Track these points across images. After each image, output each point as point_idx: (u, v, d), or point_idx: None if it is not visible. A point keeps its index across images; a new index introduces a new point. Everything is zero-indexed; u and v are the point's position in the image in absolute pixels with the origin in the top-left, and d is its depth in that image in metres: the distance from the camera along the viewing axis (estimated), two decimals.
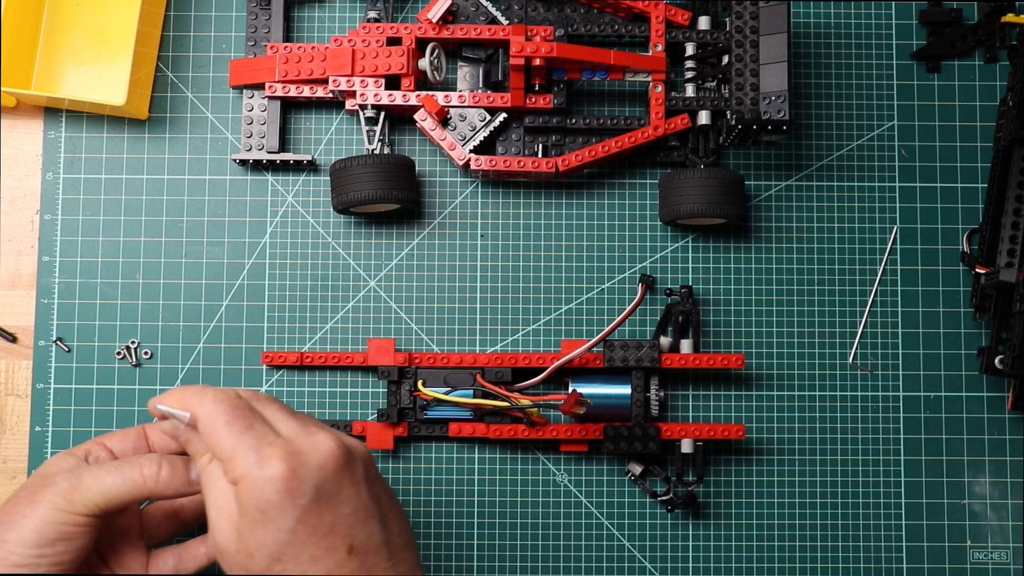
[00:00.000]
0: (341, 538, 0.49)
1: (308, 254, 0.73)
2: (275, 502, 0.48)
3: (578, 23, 0.72)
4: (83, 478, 0.53)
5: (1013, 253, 0.69)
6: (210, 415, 0.50)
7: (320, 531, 0.49)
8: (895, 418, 0.72)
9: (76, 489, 0.53)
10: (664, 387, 0.72)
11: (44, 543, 0.52)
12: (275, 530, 0.48)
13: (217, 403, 0.51)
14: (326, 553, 0.49)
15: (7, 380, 0.72)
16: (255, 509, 0.48)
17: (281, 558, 0.48)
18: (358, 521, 0.50)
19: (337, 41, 0.71)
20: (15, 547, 0.52)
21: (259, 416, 0.51)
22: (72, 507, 0.52)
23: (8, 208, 0.73)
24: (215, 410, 0.50)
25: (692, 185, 0.69)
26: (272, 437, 0.50)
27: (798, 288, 0.73)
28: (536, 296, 0.73)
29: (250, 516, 0.48)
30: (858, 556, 0.71)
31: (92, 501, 0.53)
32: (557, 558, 0.71)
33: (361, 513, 0.50)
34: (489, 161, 0.70)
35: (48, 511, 0.52)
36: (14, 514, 0.53)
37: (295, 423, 0.52)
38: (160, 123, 0.74)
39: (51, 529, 0.52)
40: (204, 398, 0.51)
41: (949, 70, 0.75)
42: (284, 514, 0.48)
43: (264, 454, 0.49)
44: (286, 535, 0.48)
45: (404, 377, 0.70)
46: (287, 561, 0.48)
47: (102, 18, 0.73)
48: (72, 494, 0.52)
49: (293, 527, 0.48)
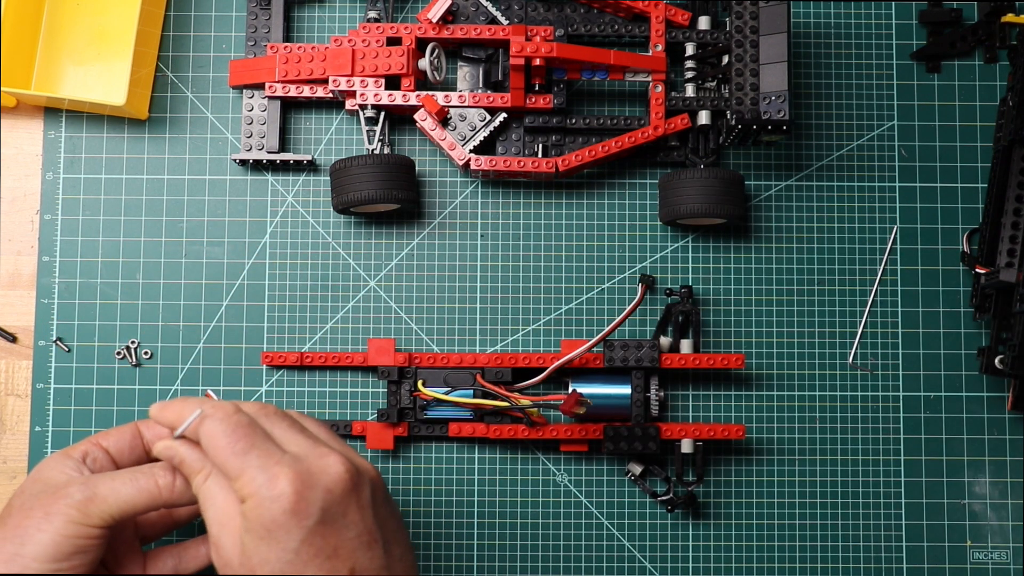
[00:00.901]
0: (344, 561, 0.50)
1: (308, 254, 0.73)
2: (281, 522, 0.48)
3: (578, 23, 0.72)
4: (98, 490, 0.53)
5: (1013, 253, 0.69)
6: (213, 437, 0.51)
7: (324, 553, 0.49)
8: (895, 418, 0.72)
9: (91, 501, 0.52)
10: (664, 387, 0.72)
11: (61, 557, 0.52)
12: (279, 549, 0.48)
13: (219, 422, 0.51)
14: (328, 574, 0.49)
15: (7, 380, 0.72)
16: (261, 527, 0.48)
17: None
18: (361, 545, 0.50)
19: (337, 41, 0.71)
20: (32, 562, 0.51)
21: (260, 432, 0.51)
22: (88, 519, 0.52)
23: (8, 208, 0.73)
24: (217, 431, 0.50)
25: (692, 185, 0.69)
26: (279, 455, 0.50)
27: (798, 288, 0.73)
28: (536, 296, 0.73)
29: (256, 533, 0.49)
30: (858, 556, 0.71)
31: (108, 513, 0.52)
32: (557, 558, 0.71)
33: (365, 537, 0.51)
34: (489, 161, 0.70)
35: (64, 524, 0.52)
36: (28, 528, 0.52)
37: (305, 440, 0.52)
38: (160, 123, 0.74)
39: (68, 543, 0.52)
40: (204, 417, 0.51)
41: (949, 70, 0.75)
42: (289, 534, 0.48)
43: (272, 473, 0.49)
44: (290, 555, 0.48)
45: (404, 377, 0.70)
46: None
47: (102, 18, 0.73)
48: (87, 506, 0.52)
49: (297, 547, 0.48)
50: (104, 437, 0.58)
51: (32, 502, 0.53)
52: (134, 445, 0.58)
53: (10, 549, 0.51)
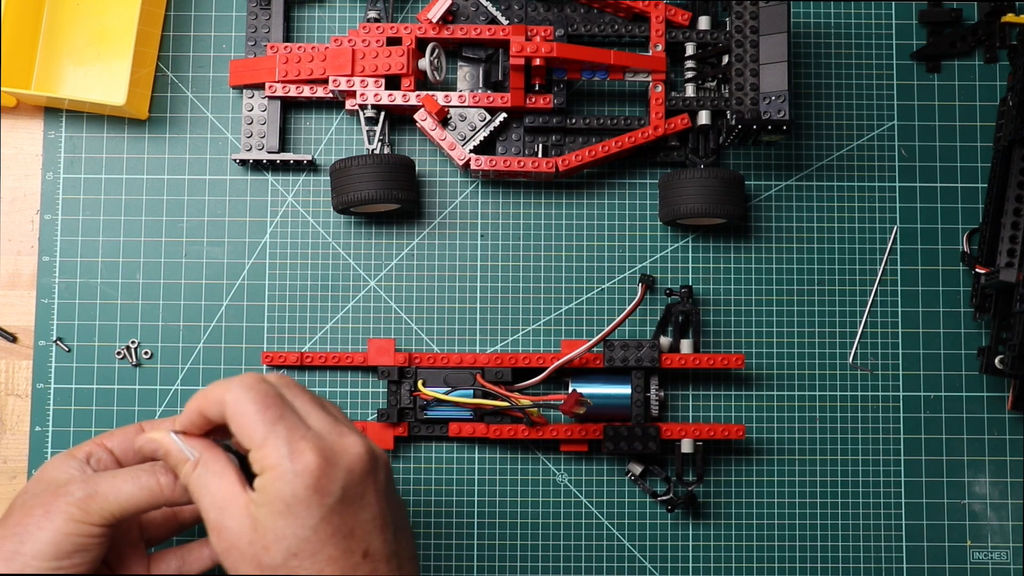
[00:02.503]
0: (359, 542, 0.49)
1: (308, 254, 0.73)
2: (303, 497, 0.48)
3: (578, 23, 0.72)
4: (99, 487, 0.52)
5: (1013, 253, 0.69)
6: (239, 403, 0.50)
7: (341, 532, 0.49)
8: (895, 418, 0.72)
9: (92, 499, 0.52)
10: (664, 387, 0.72)
11: (61, 555, 0.51)
12: (298, 525, 0.48)
13: (246, 390, 0.50)
14: (343, 555, 0.49)
15: (7, 380, 0.72)
16: (280, 501, 0.48)
17: (299, 554, 0.48)
18: (376, 528, 0.50)
19: (337, 41, 0.71)
20: (32, 560, 0.51)
21: (289, 406, 0.51)
22: (89, 517, 0.52)
23: (8, 208, 0.73)
24: (244, 398, 0.50)
25: (692, 185, 0.69)
26: (304, 430, 0.49)
27: (798, 288, 0.73)
28: (536, 296, 0.73)
29: (273, 507, 0.48)
30: (858, 556, 0.71)
31: (109, 511, 0.52)
32: (557, 558, 0.71)
33: (379, 520, 0.50)
34: (489, 161, 0.70)
35: (64, 522, 0.51)
36: (29, 526, 0.52)
37: (325, 418, 0.52)
38: (160, 123, 0.74)
39: (68, 541, 0.51)
40: (231, 385, 0.50)
41: (949, 70, 0.75)
42: (310, 510, 0.48)
43: (297, 447, 0.48)
44: (308, 531, 0.48)
45: (404, 377, 0.70)
46: (304, 558, 0.48)
47: (102, 18, 0.73)
48: (88, 504, 0.52)
49: (316, 525, 0.48)
50: (108, 438, 0.58)
51: (33, 500, 0.53)
52: None
53: (10, 547, 0.51)
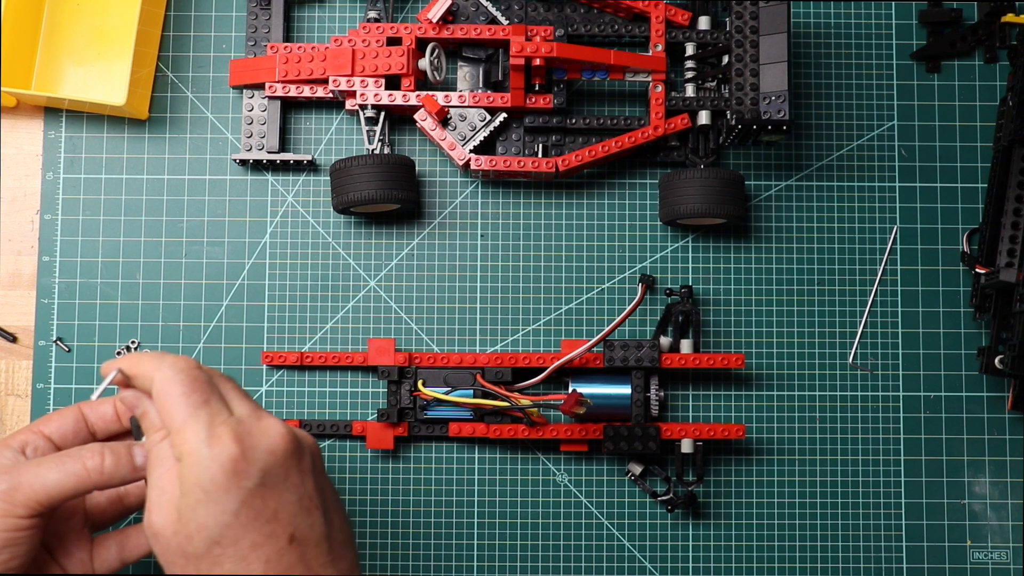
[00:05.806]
0: (283, 526, 0.48)
1: (308, 254, 0.73)
2: (220, 482, 0.47)
3: (578, 23, 0.72)
4: (22, 477, 0.51)
5: (1013, 253, 0.69)
6: (167, 382, 0.49)
7: (263, 517, 0.48)
8: (895, 418, 0.72)
9: (16, 490, 0.50)
10: (664, 387, 0.72)
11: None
12: (217, 512, 0.47)
13: (176, 371, 0.49)
14: (267, 540, 0.48)
15: (7, 380, 0.72)
16: (198, 488, 0.47)
17: (221, 541, 0.47)
18: (302, 511, 0.49)
19: (337, 41, 0.71)
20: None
21: (216, 392, 0.50)
22: (14, 510, 0.50)
23: (8, 208, 0.73)
24: (173, 378, 0.49)
25: (692, 185, 0.69)
26: (225, 415, 0.49)
27: (798, 288, 0.73)
28: (536, 296, 0.73)
29: (192, 495, 0.47)
30: (858, 556, 0.71)
31: (35, 500, 0.50)
32: (557, 558, 0.71)
33: (306, 503, 0.49)
34: (489, 161, 0.70)
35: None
36: None
37: (249, 405, 0.51)
38: (160, 123, 0.74)
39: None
40: (163, 364, 0.49)
41: (949, 70, 0.75)
42: (228, 495, 0.47)
43: (215, 432, 0.47)
44: (228, 517, 0.47)
45: (404, 377, 0.70)
46: (227, 545, 0.47)
47: (102, 18, 0.73)
48: (12, 495, 0.50)
49: (236, 510, 0.47)
50: (45, 423, 0.56)
51: None
52: (78, 429, 0.56)
53: None
